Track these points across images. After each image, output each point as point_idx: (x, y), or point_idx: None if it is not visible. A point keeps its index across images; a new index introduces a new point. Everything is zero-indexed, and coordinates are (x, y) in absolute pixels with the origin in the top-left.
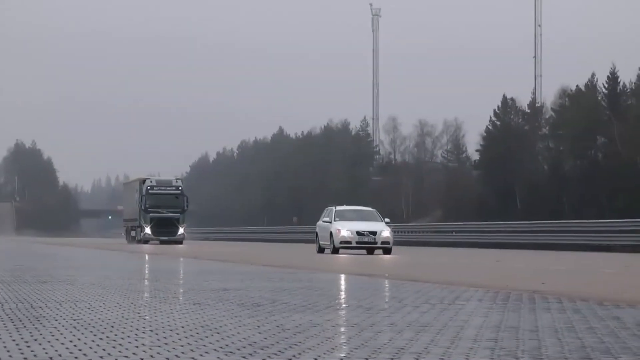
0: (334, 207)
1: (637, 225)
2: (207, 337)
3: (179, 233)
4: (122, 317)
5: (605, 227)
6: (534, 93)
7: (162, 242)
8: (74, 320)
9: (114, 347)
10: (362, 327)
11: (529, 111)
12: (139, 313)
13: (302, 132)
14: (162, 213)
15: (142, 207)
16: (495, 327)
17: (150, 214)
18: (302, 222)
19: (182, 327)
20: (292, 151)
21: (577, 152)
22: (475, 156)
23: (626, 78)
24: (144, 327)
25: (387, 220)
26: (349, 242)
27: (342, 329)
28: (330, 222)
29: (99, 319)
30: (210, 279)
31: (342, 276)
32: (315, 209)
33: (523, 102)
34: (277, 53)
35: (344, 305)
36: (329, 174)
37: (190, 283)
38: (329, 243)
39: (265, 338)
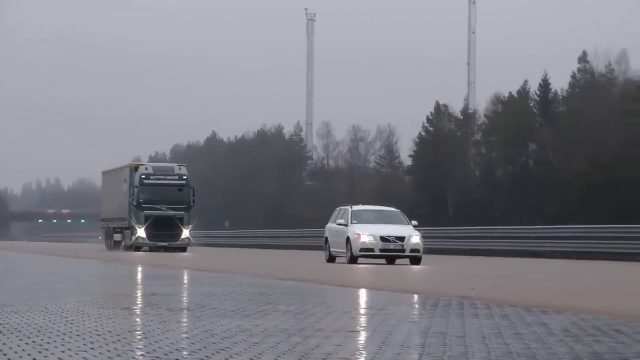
0: (349, 207)
1: (566, 232)
2: (134, 341)
3: (183, 237)
4: (49, 321)
5: (535, 233)
6: (467, 99)
7: (156, 249)
8: (0, 324)
9: (39, 351)
10: (291, 333)
11: (461, 117)
12: (66, 317)
13: (236, 136)
14: (161, 210)
15: (134, 202)
16: (423, 333)
17: (145, 212)
18: (234, 227)
19: (110, 331)
20: (225, 155)
21: (509, 159)
22: (408, 162)
23: (558, 85)
24: (70, 332)
25: (414, 223)
26: (371, 250)
27: (270, 334)
28: (346, 225)
29: (26, 323)
30: (142, 284)
31: (273, 282)
32: (248, 214)
33: (456, 108)
34: (210, 57)
35: (273, 311)
36: (261, 179)
37: (121, 288)
38: (344, 250)
39: (193, 343)
